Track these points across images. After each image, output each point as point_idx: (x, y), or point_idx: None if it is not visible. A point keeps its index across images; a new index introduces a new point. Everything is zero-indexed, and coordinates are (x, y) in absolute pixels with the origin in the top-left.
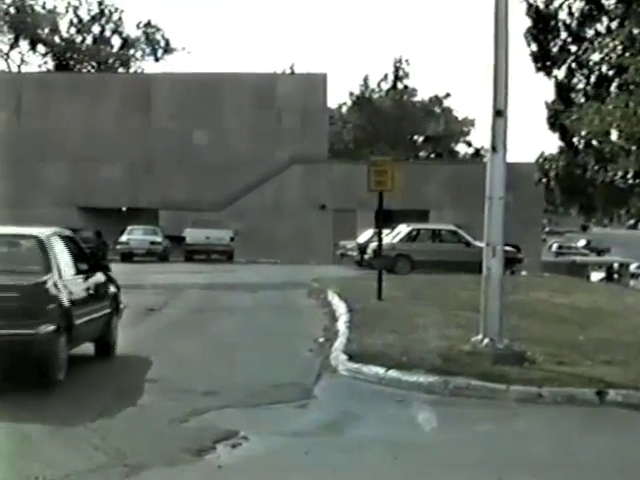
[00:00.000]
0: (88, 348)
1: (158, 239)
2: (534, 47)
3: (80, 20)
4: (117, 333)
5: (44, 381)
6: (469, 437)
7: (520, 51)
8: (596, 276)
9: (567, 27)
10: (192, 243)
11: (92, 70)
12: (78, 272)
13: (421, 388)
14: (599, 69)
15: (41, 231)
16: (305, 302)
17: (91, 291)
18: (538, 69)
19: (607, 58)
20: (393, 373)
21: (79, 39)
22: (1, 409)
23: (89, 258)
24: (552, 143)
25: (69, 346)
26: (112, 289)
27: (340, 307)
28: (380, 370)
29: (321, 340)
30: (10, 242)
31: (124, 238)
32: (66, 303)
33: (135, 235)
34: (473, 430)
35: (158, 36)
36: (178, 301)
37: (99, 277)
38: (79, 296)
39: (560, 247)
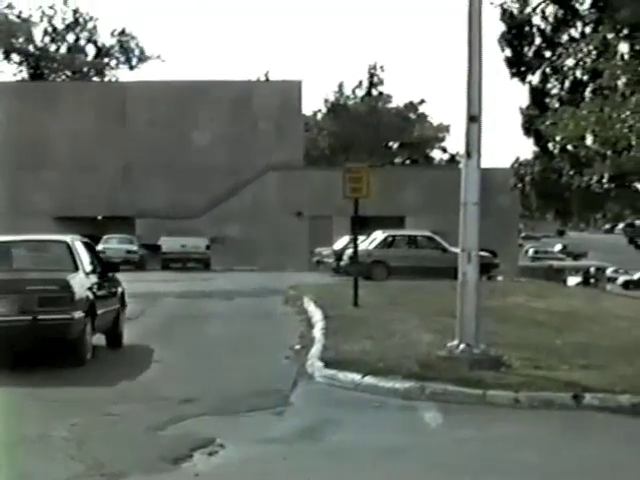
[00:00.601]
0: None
1: (134, 248)
2: (508, 52)
3: (55, 29)
4: (124, 326)
5: (75, 360)
6: (447, 442)
7: (494, 56)
8: (573, 280)
9: (541, 32)
10: (168, 251)
11: (67, 79)
12: (94, 272)
13: (398, 394)
14: (573, 74)
15: (67, 237)
16: (281, 309)
17: (105, 288)
18: (513, 74)
19: (581, 63)
20: (369, 379)
21: (53, 48)
22: (21, 380)
23: (102, 261)
24: (527, 148)
25: (92, 332)
26: (120, 288)
27: (316, 314)
28: (356, 376)
29: (297, 347)
30: (43, 246)
31: (100, 247)
32: (91, 296)
33: (111, 244)
34: (450, 435)
35: (133, 44)
36: (155, 310)
37: (110, 277)
38: (98, 291)
39: (536, 252)
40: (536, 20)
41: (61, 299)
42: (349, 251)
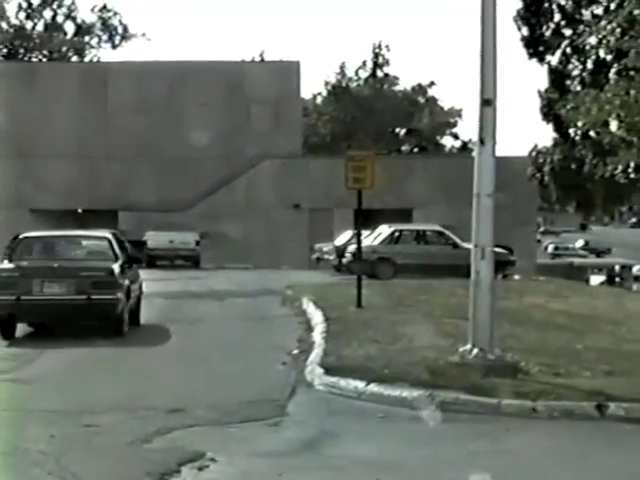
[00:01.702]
0: None
1: (124, 248)
2: (525, 31)
3: (30, 5)
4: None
5: (117, 332)
6: (458, 456)
7: (510, 36)
8: (596, 279)
9: (561, 9)
10: (154, 248)
11: (44, 59)
12: (126, 262)
13: (405, 403)
14: (596, 54)
15: (107, 232)
16: (278, 311)
17: (133, 276)
18: (530, 55)
19: (605, 42)
20: (374, 387)
21: (29, 25)
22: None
23: (128, 253)
24: (546, 135)
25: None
26: (140, 277)
27: (316, 316)
28: (360, 384)
29: (295, 352)
30: (87, 239)
31: None
32: (127, 281)
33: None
34: (462, 448)
35: (115, 21)
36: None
37: (134, 267)
38: (129, 278)
39: (556, 248)
40: None
41: (108, 283)
42: (352, 247)
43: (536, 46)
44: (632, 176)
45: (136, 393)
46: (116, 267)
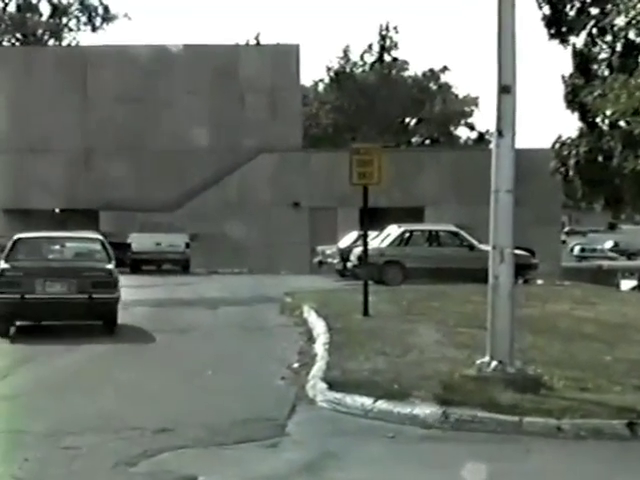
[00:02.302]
0: None
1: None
2: (547, 10)
3: None
4: None
5: (110, 329)
6: (475, 479)
7: (530, 15)
8: (627, 284)
9: None
10: (139, 251)
11: (16, 43)
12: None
13: (416, 421)
14: (625, 35)
15: (99, 234)
16: (277, 320)
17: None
18: (552, 36)
19: (634, 22)
20: (382, 404)
21: (0, 6)
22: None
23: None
24: (571, 125)
25: None
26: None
27: (318, 326)
28: (367, 400)
29: (296, 366)
30: (83, 241)
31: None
32: (119, 281)
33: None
34: (480, 471)
35: (95, 1)
36: (123, 322)
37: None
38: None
39: (583, 250)
40: None
41: (107, 283)
42: (357, 250)
43: (559, 26)
44: None
45: (120, 411)
46: (113, 267)
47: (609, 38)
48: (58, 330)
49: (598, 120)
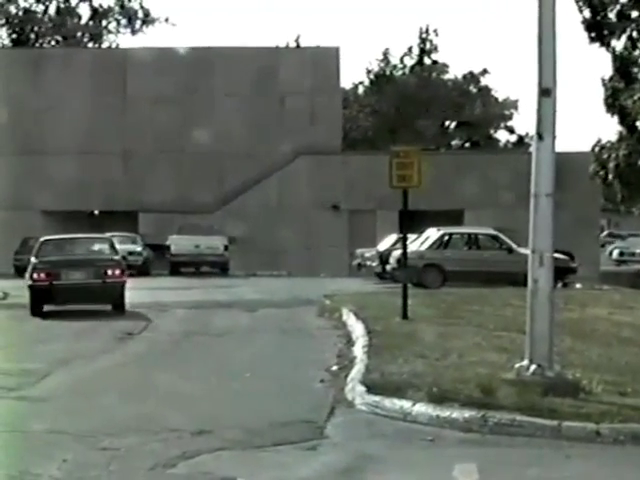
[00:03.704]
0: None
1: (137, 249)
2: (587, 13)
3: None
4: None
5: (121, 310)
6: None
7: (571, 19)
8: None
9: None
10: (178, 253)
11: (56, 45)
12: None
13: (455, 425)
14: None
15: (107, 235)
16: (315, 323)
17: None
18: (592, 40)
19: None
20: (421, 407)
21: (40, 9)
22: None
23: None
24: (610, 128)
25: None
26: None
27: (357, 328)
28: (406, 404)
29: (334, 368)
30: (95, 241)
31: None
32: (125, 269)
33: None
34: (519, 475)
35: (135, 5)
36: (161, 323)
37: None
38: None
39: (622, 254)
40: None
41: (117, 270)
42: (396, 252)
43: (599, 30)
44: None
45: (157, 413)
46: (120, 258)
47: None
48: (93, 332)
49: (638, 124)
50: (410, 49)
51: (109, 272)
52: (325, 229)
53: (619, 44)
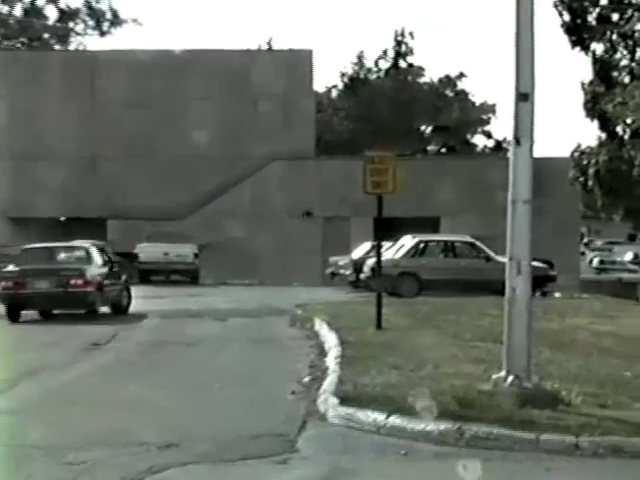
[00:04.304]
0: None
1: (105, 257)
2: (567, 17)
3: None
4: (129, 297)
5: (91, 316)
6: None
7: (550, 22)
8: None
9: None
10: (147, 261)
11: (22, 47)
12: (104, 265)
13: (430, 438)
14: None
15: (86, 243)
16: (287, 333)
17: (111, 276)
18: (573, 43)
19: None
20: (396, 420)
21: (5, 10)
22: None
23: (110, 259)
24: (590, 133)
25: (103, 300)
26: (123, 276)
27: (330, 339)
28: (379, 416)
29: (306, 380)
30: (71, 249)
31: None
32: (99, 279)
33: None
34: None
35: (103, 5)
36: (130, 333)
37: (116, 270)
38: (106, 277)
39: (602, 262)
40: None
41: (79, 280)
42: (371, 261)
43: (579, 33)
44: None
45: (125, 426)
46: (87, 268)
47: (630, 45)
48: (61, 342)
49: (618, 129)
50: (385, 52)
51: (72, 282)
52: (298, 236)
53: (599, 48)
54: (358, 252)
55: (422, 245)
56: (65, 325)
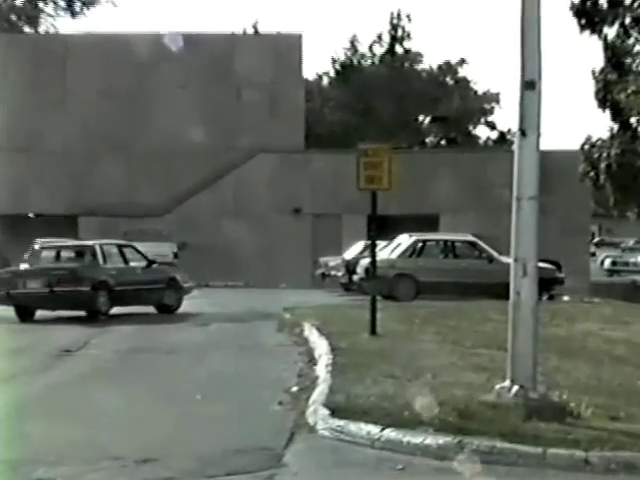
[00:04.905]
0: None
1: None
2: None
3: None
4: (176, 297)
5: (91, 317)
6: None
7: (558, 4)
8: None
9: None
10: None
11: None
12: (120, 263)
13: (429, 452)
14: None
15: (95, 242)
16: (274, 339)
17: (132, 274)
18: (582, 27)
19: None
20: (391, 433)
21: None
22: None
23: (147, 257)
24: (602, 124)
25: (113, 300)
26: (167, 275)
27: (320, 345)
28: (373, 429)
29: (295, 389)
30: (78, 247)
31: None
32: (103, 277)
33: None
34: None
35: None
36: (104, 339)
37: (144, 267)
38: (120, 276)
39: (614, 263)
40: None
41: (72, 279)
42: (365, 261)
43: (589, 16)
44: None
45: (98, 439)
46: (84, 268)
47: None
48: (32, 349)
49: (632, 119)
50: (380, 36)
51: (62, 282)
52: (286, 235)
53: (611, 32)
54: (351, 252)
55: (420, 245)
56: (40, 328)
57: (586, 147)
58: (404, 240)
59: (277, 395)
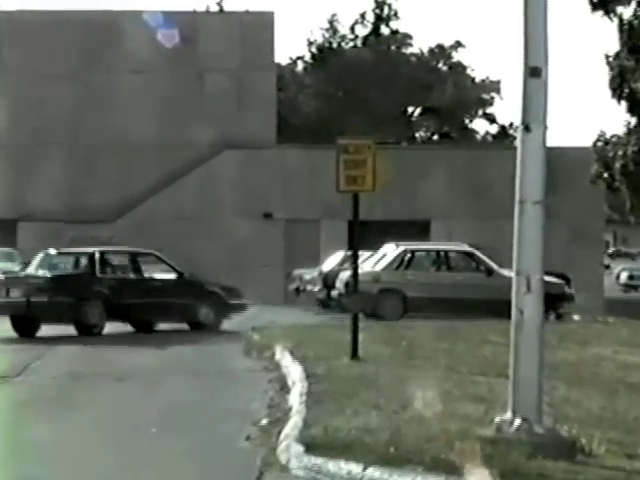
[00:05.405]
0: None
1: (14, 267)
2: None
3: None
4: (212, 313)
5: (85, 333)
6: None
7: None
8: None
9: None
10: None
11: None
12: (127, 273)
13: None
14: None
15: (94, 249)
16: (241, 364)
17: (141, 284)
18: (594, 6)
19: None
20: (375, 472)
21: None
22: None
23: (177, 271)
24: (617, 118)
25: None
26: (196, 290)
27: (294, 371)
28: (355, 467)
29: (264, 422)
30: (77, 254)
31: None
32: (95, 287)
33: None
34: None
35: None
36: (46, 363)
37: (161, 279)
38: (122, 287)
39: (631, 277)
40: None
41: (49, 289)
42: (345, 274)
43: None
44: None
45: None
46: (64, 277)
47: None
48: None
49: None
50: (363, 15)
51: (39, 292)
52: (255, 243)
53: (627, 12)
54: (329, 263)
55: (408, 255)
56: None
57: (599, 144)
58: (390, 250)
59: (244, 429)
